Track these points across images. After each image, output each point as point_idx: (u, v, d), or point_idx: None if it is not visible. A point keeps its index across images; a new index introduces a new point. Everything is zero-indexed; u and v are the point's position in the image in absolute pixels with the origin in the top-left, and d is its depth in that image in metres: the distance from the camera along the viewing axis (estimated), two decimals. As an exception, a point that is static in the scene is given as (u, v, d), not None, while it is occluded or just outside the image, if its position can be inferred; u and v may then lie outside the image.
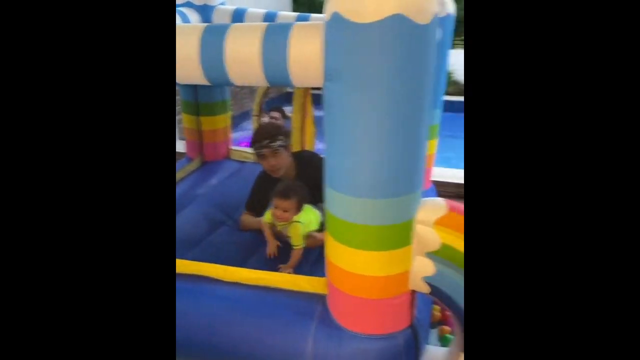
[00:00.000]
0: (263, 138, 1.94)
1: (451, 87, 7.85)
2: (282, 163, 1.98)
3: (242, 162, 2.82)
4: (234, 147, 2.89)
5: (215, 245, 1.87)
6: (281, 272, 1.67)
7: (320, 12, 2.30)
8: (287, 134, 2.05)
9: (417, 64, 1.03)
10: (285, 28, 1.10)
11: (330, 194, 1.24)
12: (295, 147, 2.69)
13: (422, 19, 0.98)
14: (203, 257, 1.76)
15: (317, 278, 1.49)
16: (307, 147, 2.65)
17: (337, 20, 1.00)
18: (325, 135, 1.21)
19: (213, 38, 1.15)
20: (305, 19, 2.24)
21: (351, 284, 1.29)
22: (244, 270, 1.57)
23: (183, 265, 1.61)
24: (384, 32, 0.97)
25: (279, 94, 7.13)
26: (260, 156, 1.98)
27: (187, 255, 1.78)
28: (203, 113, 2.67)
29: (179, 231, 1.91)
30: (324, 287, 1.45)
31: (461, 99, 7.39)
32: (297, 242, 1.76)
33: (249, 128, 4.67)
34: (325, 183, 1.25)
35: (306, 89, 2.51)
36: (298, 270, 1.72)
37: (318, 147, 2.74)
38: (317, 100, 2.76)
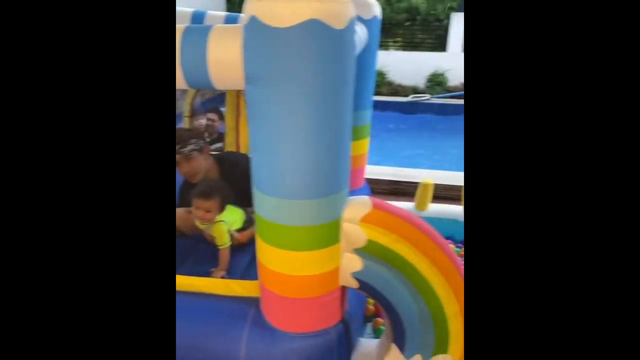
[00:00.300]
0: (179, 140, 1.86)
1: (385, 87, 8.14)
2: (197, 168, 1.89)
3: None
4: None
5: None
6: (213, 276, 1.64)
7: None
8: (201, 136, 1.97)
9: (334, 67, 1.06)
10: (204, 30, 1.08)
11: (258, 196, 1.24)
12: (230, 148, 2.65)
13: (338, 24, 1.01)
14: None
15: (250, 282, 1.49)
16: (242, 147, 2.62)
17: (255, 24, 1.00)
18: (250, 137, 1.21)
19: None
20: (235, 20, 2.21)
21: (283, 284, 1.30)
22: (176, 277, 1.53)
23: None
24: (301, 36, 0.99)
25: (214, 95, 6.96)
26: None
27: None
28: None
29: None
30: (257, 290, 1.45)
31: (395, 98, 7.69)
32: (222, 242, 1.73)
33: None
34: (253, 185, 1.25)
35: (239, 90, 2.48)
36: (230, 275, 1.70)
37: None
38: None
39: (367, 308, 2.02)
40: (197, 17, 2.20)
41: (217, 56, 1.07)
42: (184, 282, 1.49)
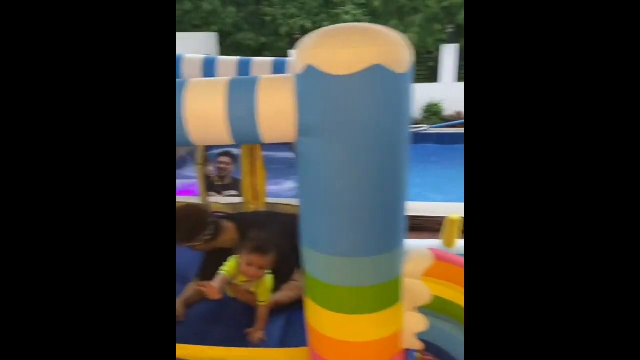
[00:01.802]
0: (189, 236, 1.72)
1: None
2: (222, 244, 1.80)
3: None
4: (178, 198, 2.67)
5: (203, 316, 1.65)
6: (251, 338, 1.49)
7: (246, 55, 2.19)
8: (204, 217, 1.81)
9: (396, 113, 0.98)
10: (251, 82, 1.00)
11: (309, 254, 1.13)
12: (246, 193, 2.55)
13: (400, 68, 0.94)
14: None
15: (296, 349, 1.35)
16: (259, 191, 2.52)
17: (312, 73, 0.92)
18: (300, 191, 1.11)
19: (168, 95, 1.01)
20: (282, 65, 2.12)
21: (338, 352, 1.17)
22: (211, 348, 1.38)
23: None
24: (364, 83, 0.91)
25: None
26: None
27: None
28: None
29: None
30: (304, 359, 1.31)
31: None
32: (265, 298, 1.61)
33: (189, 176, 4.42)
34: (303, 242, 1.14)
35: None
36: (266, 343, 1.55)
37: (270, 189, 2.63)
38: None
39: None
40: (243, 66, 2.10)
41: (268, 109, 0.99)
42: (220, 355, 1.34)
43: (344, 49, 0.89)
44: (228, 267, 1.61)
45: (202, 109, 1.00)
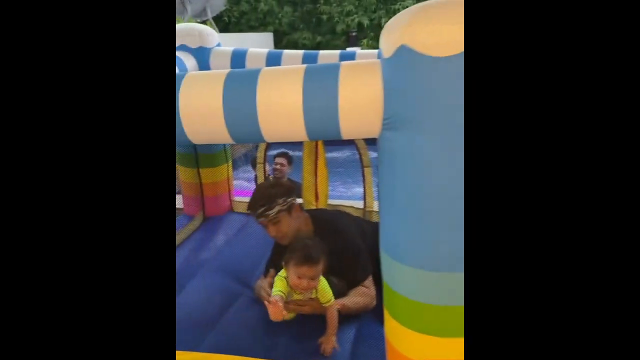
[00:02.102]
0: (258, 205, 1.61)
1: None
2: (287, 230, 1.64)
3: (248, 214, 2.55)
4: (236, 198, 2.63)
5: (235, 325, 1.56)
6: (325, 347, 1.37)
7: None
8: (290, 192, 1.68)
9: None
10: (332, 70, 0.88)
11: (393, 266, 0.99)
12: (307, 193, 2.45)
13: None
14: (223, 343, 1.46)
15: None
16: (321, 192, 2.41)
17: (404, 55, 0.78)
18: (382, 194, 0.97)
19: (240, 87, 0.92)
20: (352, 57, 1.94)
21: (425, 377, 1.02)
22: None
23: (199, 358, 1.32)
24: (470, 66, 0.76)
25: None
26: (261, 224, 1.67)
27: (204, 344, 1.48)
28: (203, 165, 2.42)
29: (188, 311, 1.62)
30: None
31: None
32: (328, 297, 1.46)
33: (245, 177, 4.42)
34: (385, 253, 1.01)
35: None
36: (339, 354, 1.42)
37: (332, 192, 2.51)
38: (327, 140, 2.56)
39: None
40: (309, 59, 1.97)
41: (350, 99, 0.86)
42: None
43: (447, 25, 0.74)
44: (279, 287, 1.47)
45: (277, 101, 0.89)
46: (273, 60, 2.08)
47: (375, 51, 1.58)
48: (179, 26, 2.15)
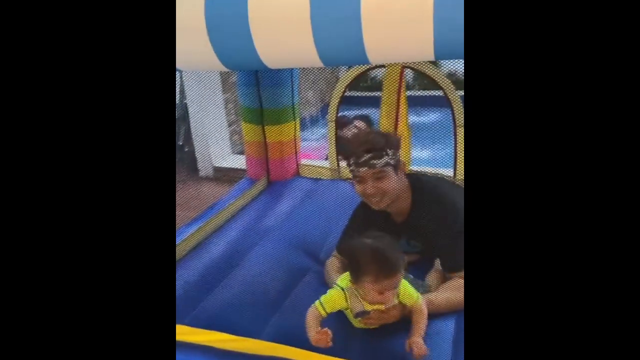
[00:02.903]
0: (363, 150, 1.26)
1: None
2: (388, 190, 1.30)
3: (316, 179, 2.28)
4: (304, 162, 2.36)
5: (302, 309, 1.30)
6: (415, 347, 1.06)
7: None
8: (397, 145, 1.34)
9: None
10: None
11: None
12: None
13: None
14: (290, 327, 1.20)
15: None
16: (403, 156, 2.06)
17: None
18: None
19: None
20: None
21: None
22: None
23: (265, 348, 1.07)
24: None
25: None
26: (356, 177, 1.32)
27: (267, 327, 1.23)
28: (268, 121, 2.15)
29: (248, 287, 1.39)
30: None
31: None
32: (415, 297, 1.14)
33: (313, 138, 4.13)
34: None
35: (402, 70, 1.90)
36: None
37: (414, 157, 2.15)
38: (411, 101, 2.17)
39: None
40: None
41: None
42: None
43: None
44: (337, 302, 1.14)
45: (274, 8, 0.58)
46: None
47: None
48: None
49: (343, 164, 2.30)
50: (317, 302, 1.16)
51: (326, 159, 2.40)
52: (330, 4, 0.58)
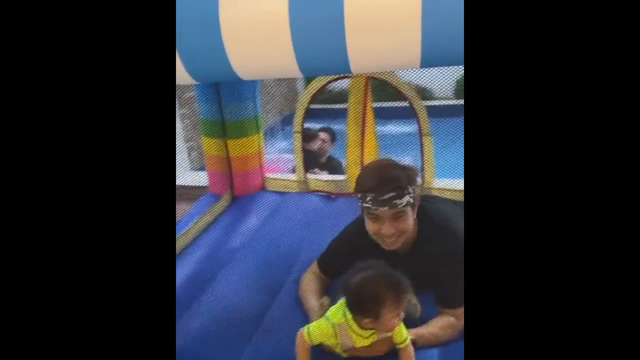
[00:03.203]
0: (386, 188, 1.12)
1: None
2: (405, 231, 1.17)
3: (283, 193, 2.21)
4: (270, 175, 2.29)
5: (279, 331, 1.23)
6: None
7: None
8: (414, 179, 1.20)
9: None
10: None
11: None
12: (352, 168, 2.08)
13: None
14: (267, 356, 1.12)
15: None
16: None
17: None
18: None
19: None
20: None
21: None
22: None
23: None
24: None
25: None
26: (370, 215, 1.18)
27: (241, 358, 1.14)
28: (231, 135, 2.07)
29: (218, 314, 1.29)
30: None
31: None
32: (404, 336, 1.07)
33: (274, 150, 4.04)
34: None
35: (367, 81, 1.89)
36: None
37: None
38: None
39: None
40: None
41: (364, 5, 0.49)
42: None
43: None
44: (326, 336, 1.07)
45: (248, 13, 0.54)
46: None
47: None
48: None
49: (312, 176, 2.26)
50: (305, 329, 1.08)
51: (293, 171, 2.34)
52: (311, 8, 0.53)
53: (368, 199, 1.13)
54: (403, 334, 1.07)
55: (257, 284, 1.45)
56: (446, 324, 1.15)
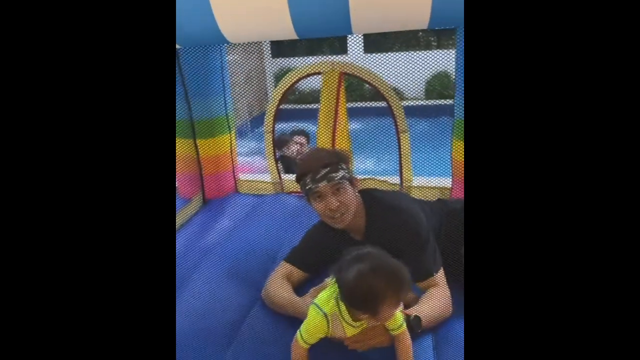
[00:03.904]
0: (319, 166, 1.22)
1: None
2: (350, 202, 1.25)
3: (258, 195, 2.12)
4: (243, 177, 2.19)
5: (261, 338, 1.13)
6: None
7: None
8: (347, 159, 1.30)
9: None
10: None
11: None
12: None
13: None
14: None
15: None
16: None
17: None
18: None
19: None
20: None
21: None
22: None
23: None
24: None
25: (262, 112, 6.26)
26: (314, 195, 1.24)
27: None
28: (201, 135, 1.96)
29: (195, 319, 1.19)
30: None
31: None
32: (398, 322, 1.02)
33: (243, 152, 3.92)
34: None
35: (340, 78, 1.84)
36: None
37: (357, 167, 2.09)
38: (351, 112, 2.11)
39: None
40: None
41: None
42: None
43: None
44: (317, 329, 1.00)
45: None
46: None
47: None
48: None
49: (288, 176, 2.19)
50: (298, 335, 1.01)
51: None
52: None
53: (308, 180, 1.23)
54: (398, 320, 1.01)
55: (233, 292, 1.35)
56: (433, 295, 1.16)
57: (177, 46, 0.58)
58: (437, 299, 1.14)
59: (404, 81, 1.91)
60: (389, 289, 0.92)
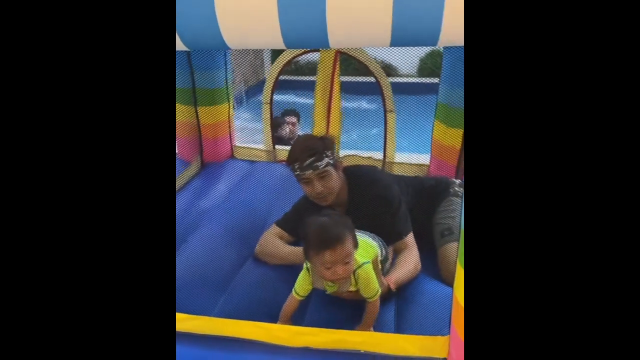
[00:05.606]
0: (305, 155, 1.39)
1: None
2: (332, 187, 1.43)
3: (252, 162, 2.28)
4: (239, 144, 2.35)
5: (252, 285, 1.33)
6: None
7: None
8: (333, 147, 1.48)
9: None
10: None
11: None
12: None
13: None
14: (237, 307, 1.23)
15: (430, 337, 1.01)
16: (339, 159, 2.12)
17: None
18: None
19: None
20: None
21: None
22: (310, 329, 1.07)
23: (212, 325, 1.09)
24: None
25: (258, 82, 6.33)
26: (302, 180, 1.44)
27: (214, 307, 1.25)
28: (202, 102, 2.10)
29: (193, 268, 1.38)
30: (441, 349, 0.97)
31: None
32: (373, 291, 1.17)
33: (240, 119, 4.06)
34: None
35: (335, 54, 1.97)
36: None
37: (345, 142, 2.25)
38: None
39: None
40: None
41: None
42: (324, 339, 1.03)
43: None
44: (299, 284, 1.20)
45: None
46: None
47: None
48: None
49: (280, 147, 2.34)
50: (293, 291, 1.21)
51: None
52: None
53: (296, 167, 1.40)
54: (372, 289, 1.18)
55: (225, 248, 1.53)
56: (405, 259, 1.36)
57: (186, 49, 0.70)
58: (409, 263, 1.34)
59: (398, 58, 2.02)
60: (315, 237, 1.12)
